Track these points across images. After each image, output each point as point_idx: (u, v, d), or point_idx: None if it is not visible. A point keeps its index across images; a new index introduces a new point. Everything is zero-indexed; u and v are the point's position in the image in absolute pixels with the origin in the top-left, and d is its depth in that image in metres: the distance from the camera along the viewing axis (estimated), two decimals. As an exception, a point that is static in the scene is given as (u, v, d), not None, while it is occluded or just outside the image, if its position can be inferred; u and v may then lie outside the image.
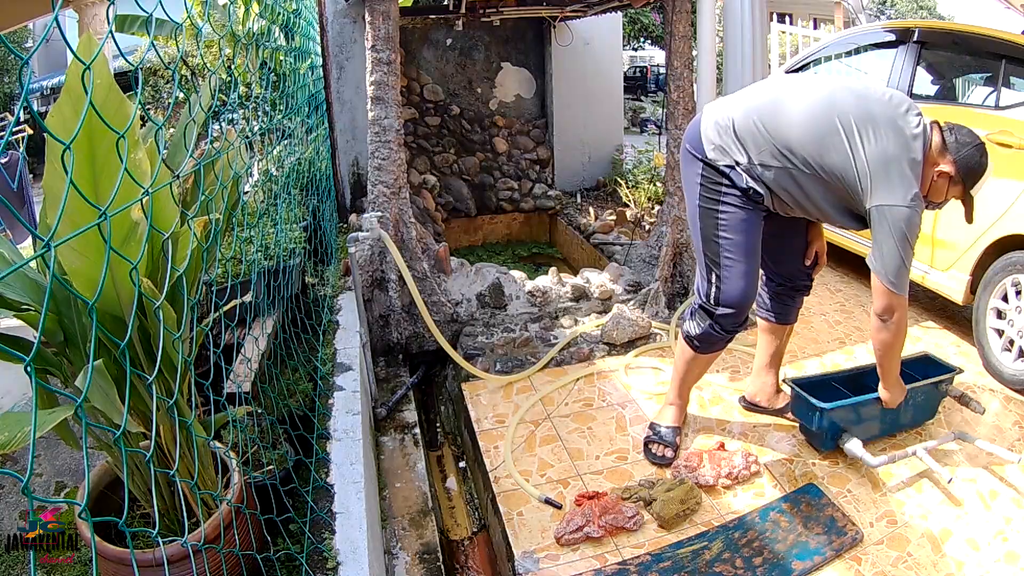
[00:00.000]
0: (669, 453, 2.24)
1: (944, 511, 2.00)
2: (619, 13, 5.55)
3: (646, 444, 2.30)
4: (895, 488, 2.10)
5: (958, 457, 2.24)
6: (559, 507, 2.03)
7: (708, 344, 2.16)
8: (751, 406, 2.49)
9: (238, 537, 1.29)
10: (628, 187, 5.45)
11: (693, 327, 2.15)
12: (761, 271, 2.24)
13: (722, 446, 2.22)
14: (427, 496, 2.16)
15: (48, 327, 1.13)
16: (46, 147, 0.94)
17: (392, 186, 3.15)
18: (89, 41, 0.93)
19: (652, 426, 2.35)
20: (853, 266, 3.99)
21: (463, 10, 4.63)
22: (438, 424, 2.97)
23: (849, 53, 3.94)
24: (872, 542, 1.88)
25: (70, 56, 0.87)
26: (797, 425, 2.42)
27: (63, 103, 0.94)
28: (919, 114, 1.87)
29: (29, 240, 3.22)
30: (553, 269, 3.50)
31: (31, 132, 4.82)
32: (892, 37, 3.52)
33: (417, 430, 2.53)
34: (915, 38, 3.33)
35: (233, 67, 3.02)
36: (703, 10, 3.45)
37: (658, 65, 16.10)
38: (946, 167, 1.86)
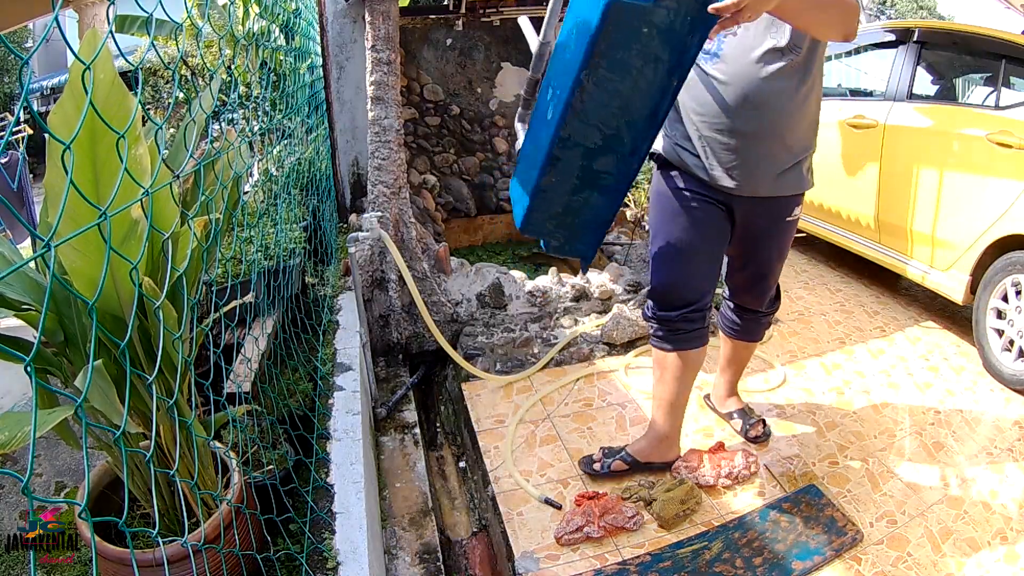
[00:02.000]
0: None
1: (944, 511, 2.00)
2: (619, 13, 5.54)
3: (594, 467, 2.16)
4: (895, 488, 2.10)
5: (958, 457, 2.24)
6: (559, 507, 2.03)
7: (662, 333, 1.98)
8: (708, 402, 2.52)
9: (238, 537, 1.29)
10: (628, 187, 5.44)
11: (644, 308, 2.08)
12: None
13: (722, 446, 2.22)
14: (427, 496, 2.16)
15: (48, 327, 1.13)
16: (47, 145, 0.94)
17: (392, 186, 3.15)
18: (94, 37, 0.93)
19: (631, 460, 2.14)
20: (853, 266, 3.99)
21: (463, 10, 4.63)
22: (438, 424, 2.97)
23: (849, 53, 3.94)
24: (872, 542, 1.88)
25: (70, 56, 0.87)
26: (795, 425, 2.42)
27: (67, 100, 0.94)
28: None
29: (29, 240, 3.22)
30: (553, 269, 3.50)
31: (31, 132, 4.82)
32: (892, 37, 3.52)
33: (417, 430, 2.53)
34: (915, 38, 3.33)
35: (233, 67, 3.02)
36: (703, 10, 3.45)
37: (658, 65, 16.07)
38: None
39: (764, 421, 2.35)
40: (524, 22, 1.84)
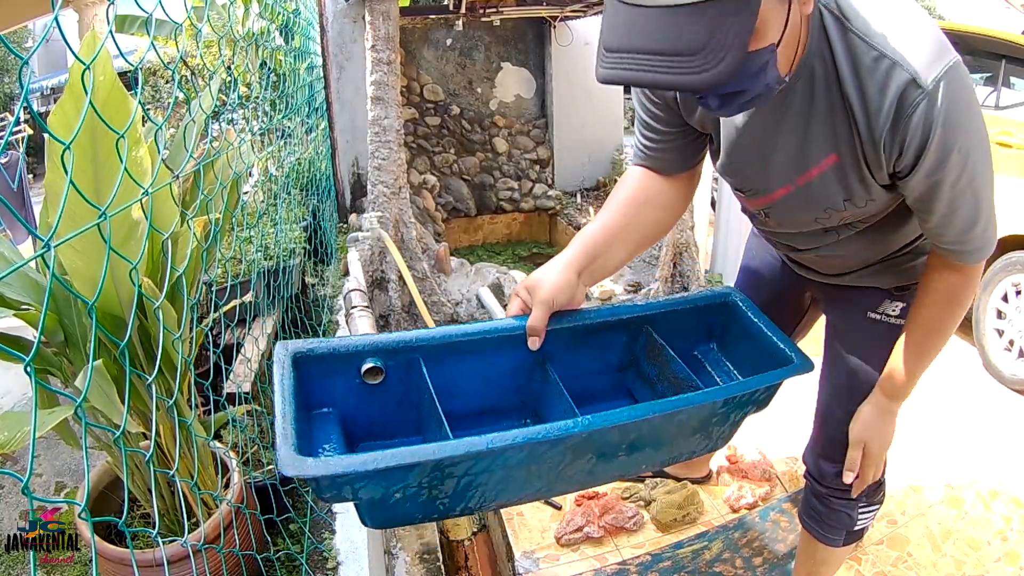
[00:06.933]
0: None
1: (944, 511, 1.99)
2: (619, 13, 5.54)
3: None
4: (895, 488, 2.09)
5: (958, 457, 2.24)
6: (559, 507, 2.03)
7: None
8: None
9: (238, 537, 1.29)
10: (628, 187, 5.44)
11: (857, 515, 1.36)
12: None
13: (734, 454, 2.19)
14: (427, 496, 2.16)
15: (48, 327, 1.13)
16: (47, 146, 0.94)
17: (392, 186, 3.15)
18: (93, 39, 0.93)
19: None
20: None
21: (463, 10, 4.63)
22: (438, 424, 2.96)
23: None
24: (872, 542, 1.88)
25: (70, 56, 0.87)
26: (796, 424, 2.42)
27: (66, 101, 0.94)
28: None
29: (29, 240, 3.22)
30: (553, 269, 3.50)
31: (31, 132, 4.82)
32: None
33: (417, 430, 2.53)
34: (915, 38, 3.33)
35: (232, 67, 3.03)
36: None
37: (658, 65, 16.08)
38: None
39: None
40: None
